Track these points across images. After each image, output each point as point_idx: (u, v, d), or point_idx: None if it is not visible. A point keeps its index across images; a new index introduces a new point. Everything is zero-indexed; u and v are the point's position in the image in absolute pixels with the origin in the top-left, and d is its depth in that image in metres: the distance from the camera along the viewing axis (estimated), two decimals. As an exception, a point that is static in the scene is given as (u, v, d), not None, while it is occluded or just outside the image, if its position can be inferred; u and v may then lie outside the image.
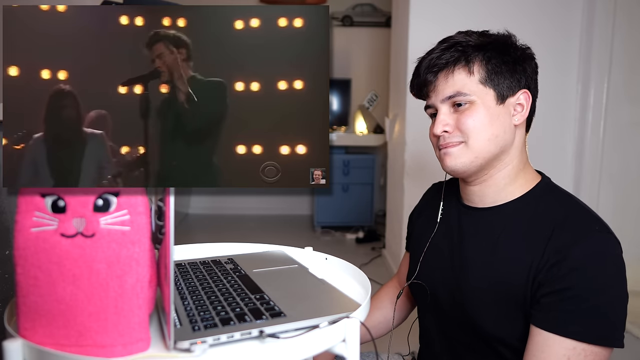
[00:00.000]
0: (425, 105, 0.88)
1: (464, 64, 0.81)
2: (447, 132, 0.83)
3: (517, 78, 0.83)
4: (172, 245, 0.51)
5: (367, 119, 4.03)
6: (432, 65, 0.83)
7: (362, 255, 3.27)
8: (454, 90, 0.81)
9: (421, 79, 0.86)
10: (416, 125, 2.40)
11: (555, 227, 0.77)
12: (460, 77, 0.81)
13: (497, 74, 0.81)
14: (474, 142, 0.81)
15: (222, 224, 4.19)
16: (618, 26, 2.26)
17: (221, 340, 0.53)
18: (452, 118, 0.83)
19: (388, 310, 1.07)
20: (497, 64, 0.81)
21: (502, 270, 0.80)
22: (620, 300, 0.74)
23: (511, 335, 0.80)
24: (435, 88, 0.84)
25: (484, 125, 0.81)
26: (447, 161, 0.83)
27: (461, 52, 0.82)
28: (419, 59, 0.88)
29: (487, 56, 0.81)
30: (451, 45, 0.83)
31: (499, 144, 0.82)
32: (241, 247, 0.97)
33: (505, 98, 0.82)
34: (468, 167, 0.82)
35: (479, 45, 0.82)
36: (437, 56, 0.83)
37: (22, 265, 0.52)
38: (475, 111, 0.81)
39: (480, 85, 0.81)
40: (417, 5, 2.35)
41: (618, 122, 2.32)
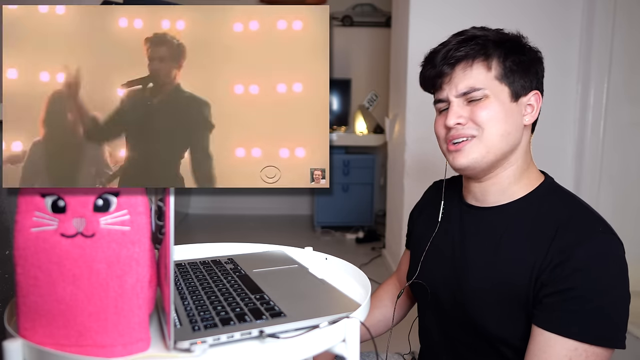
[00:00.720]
0: (436, 99, 0.87)
1: (483, 58, 0.81)
2: (460, 124, 0.82)
3: (530, 79, 0.84)
4: (172, 245, 0.51)
5: (367, 119, 4.03)
6: (449, 57, 0.82)
7: (362, 255, 3.27)
8: (470, 84, 0.80)
9: (437, 69, 0.83)
10: (416, 125, 2.40)
11: (559, 228, 0.77)
12: (479, 71, 0.81)
13: (513, 72, 0.81)
14: (488, 135, 0.80)
15: (222, 224, 4.19)
16: (618, 26, 2.26)
17: (221, 340, 0.53)
18: (465, 111, 0.82)
19: (388, 308, 1.07)
20: (514, 63, 0.82)
21: (505, 271, 0.80)
22: (623, 301, 0.74)
23: (513, 336, 0.80)
24: (451, 80, 0.82)
25: (499, 120, 0.80)
26: (458, 158, 0.82)
27: (481, 45, 0.81)
28: (431, 50, 0.86)
29: (505, 53, 0.81)
30: (470, 38, 0.82)
31: (509, 142, 0.82)
32: (241, 247, 0.97)
33: (519, 97, 0.83)
34: (479, 163, 0.82)
35: (497, 41, 0.82)
36: (455, 48, 0.81)
37: (22, 265, 0.52)
38: (491, 104, 0.80)
39: (496, 82, 0.81)
40: (417, 5, 2.35)
41: (618, 122, 2.32)
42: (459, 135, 0.82)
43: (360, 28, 4.28)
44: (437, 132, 0.87)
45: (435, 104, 0.88)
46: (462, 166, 0.83)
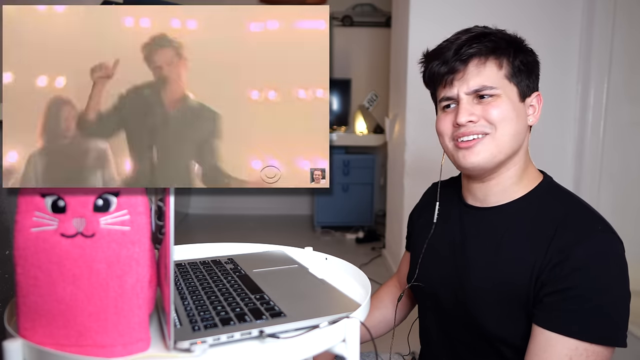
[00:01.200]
0: (443, 96, 0.84)
1: (495, 56, 0.81)
2: (472, 121, 0.80)
3: (533, 79, 0.84)
4: (172, 245, 0.51)
5: (367, 119, 4.03)
6: (462, 53, 0.80)
7: (362, 255, 3.27)
8: (483, 81, 0.80)
9: (448, 65, 0.81)
10: (416, 125, 2.40)
11: (558, 227, 0.76)
12: (492, 68, 0.80)
13: (521, 72, 0.82)
14: (501, 134, 0.80)
15: (222, 224, 4.19)
16: (618, 26, 2.26)
17: (221, 340, 0.53)
18: (476, 108, 0.81)
19: (388, 309, 1.07)
20: (522, 63, 0.82)
21: (506, 271, 0.80)
22: (623, 300, 0.74)
23: (513, 335, 0.80)
24: (464, 77, 0.81)
25: (512, 119, 0.80)
26: (468, 156, 0.81)
27: (494, 43, 0.80)
28: (438, 47, 0.84)
29: (514, 53, 0.81)
30: (481, 35, 0.81)
31: (518, 142, 0.82)
32: (241, 247, 0.97)
33: (525, 97, 0.83)
34: (489, 163, 0.81)
35: (508, 40, 0.82)
36: (467, 44, 0.80)
37: (22, 265, 0.52)
38: (503, 103, 0.80)
39: (506, 80, 0.81)
40: (417, 5, 2.35)
41: (618, 122, 2.32)
42: (470, 133, 0.80)
43: (360, 28, 4.28)
44: (442, 129, 0.85)
45: (438, 102, 0.86)
46: (472, 165, 0.81)
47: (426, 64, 0.87)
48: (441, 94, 0.85)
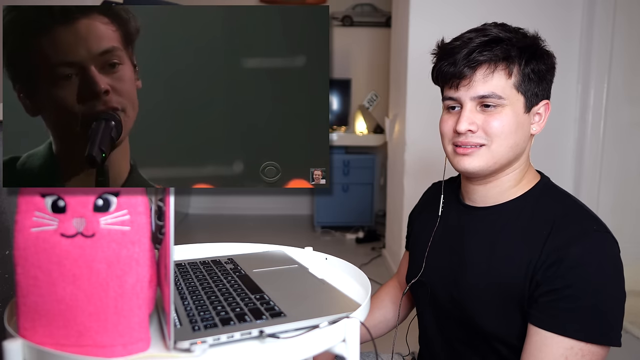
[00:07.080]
0: (447, 96, 0.83)
1: (505, 64, 0.78)
2: (471, 131, 0.80)
3: (543, 87, 0.82)
4: (172, 245, 0.51)
5: (367, 119, 4.03)
6: (472, 59, 0.78)
7: (362, 255, 3.27)
8: (490, 90, 0.78)
9: (457, 69, 0.79)
10: (416, 125, 2.40)
11: (554, 226, 0.77)
12: (500, 77, 0.78)
13: (530, 81, 0.80)
14: (497, 147, 0.79)
15: (222, 224, 4.18)
16: (618, 26, 2.26)
17: (221, 340, 0.53)
18: (478, 117, 0.80)
19: (388, 309, 1.07)
20: (533, 71, 0.80)
21: (502, 270, 0.80)
22: (618, 300, 0.74)
23: (509, 334, 0.80)
24: (470, 83, 0.79)
25: (511, 132, 0.79)
26: (462, 163, 0.81)
27: (506, 50, 0.78)
28: (450, 45, 0.82)
29: (527, 60, 0.79)
30: (494, 40, 0.78)
31: (516, 152, 0.81)
32: (241, 247, 0.96)
33: (531, 107, 0.81)
34: (483, 170, 0.81)
35: (521, 47, 0.79)
36: (479, 50, 0.78)
37: (22, 265, 0.52)
38: (505, 115, 0.79)
39: (514, 90, 0.79)
40: (417, 5, 2.35)
41: (618, 122, 2.32)
42: (467, 143, 0.80)
43: (360, 28, 4.28)
44: (443, 130, 0.85)
45: (444, 100, 0.85)
46: (467, 171, 0.82)
47: (436, 61, 0.85)
48: (447, 93, 0.84)
